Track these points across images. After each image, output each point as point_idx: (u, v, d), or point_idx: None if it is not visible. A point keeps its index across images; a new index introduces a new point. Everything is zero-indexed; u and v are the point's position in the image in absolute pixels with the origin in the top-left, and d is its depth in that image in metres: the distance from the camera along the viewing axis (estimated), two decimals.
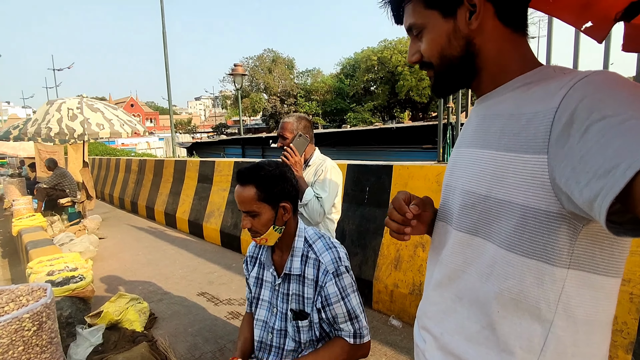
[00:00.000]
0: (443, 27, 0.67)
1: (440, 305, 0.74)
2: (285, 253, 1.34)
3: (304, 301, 1.28)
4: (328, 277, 1.24)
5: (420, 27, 0.70)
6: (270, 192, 1.24)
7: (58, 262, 3.15)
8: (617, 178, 0.42)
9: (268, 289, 1.37)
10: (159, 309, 3.31)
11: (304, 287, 1.28)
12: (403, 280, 2.84)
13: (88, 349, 2.42)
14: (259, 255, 1.42)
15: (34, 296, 1.36)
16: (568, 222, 0.55)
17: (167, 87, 12.53)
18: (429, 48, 0.70)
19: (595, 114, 0.48)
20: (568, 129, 0.52)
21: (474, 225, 0.67)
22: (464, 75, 0.71)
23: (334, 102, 43.02)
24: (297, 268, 1.29)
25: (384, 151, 12.61)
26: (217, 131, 53.32)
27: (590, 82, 0.53)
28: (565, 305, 0.58)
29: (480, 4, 0.64)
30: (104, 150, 16.46)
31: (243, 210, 1.24)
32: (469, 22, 0.65)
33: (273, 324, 1.34)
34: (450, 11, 0.66)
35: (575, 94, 0.53)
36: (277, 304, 1.34)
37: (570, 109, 0.52)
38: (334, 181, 2.02)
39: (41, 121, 5.31)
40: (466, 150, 0.73)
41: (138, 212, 7.93)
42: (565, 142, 0.52)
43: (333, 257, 1.28)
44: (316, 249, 1.31)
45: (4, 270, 5.24)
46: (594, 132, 0.47)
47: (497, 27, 0.66)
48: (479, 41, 0.67)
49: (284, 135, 2.03)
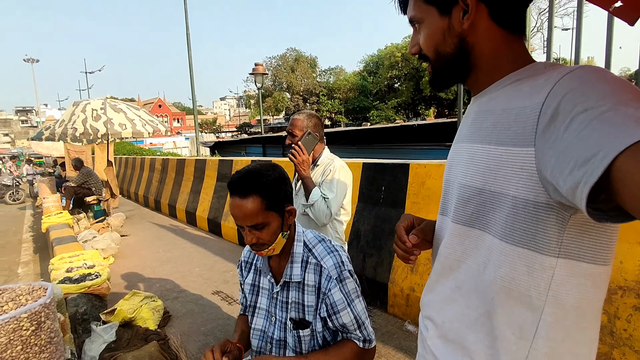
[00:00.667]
0: (439, 23, 0.70)
1: (441, 295, 0.77)
2: (283, 259, 1.26)
3: (305, 309, 1.20)
4: (332, 283, 1.16)
5: (419, 21, 0.73)
6: (276, 198, 1.14)
7: (77, 260, 3.23)
8: (595, 166, 0.44)
9: (265, 297, 1.30)
10: (174, 307, 3.33)
11: (305, 295, 1.21)
12: (420, 284, 2.72)
13: (101, 345, 2.45)
14: (254, 260, 1.34)
15: (34, 296, 1.35)
16: (556, 212, 0.58)
17: (191, 88, 12.77)
18: (425, 42, 0.73)
19: (578, 107, 0.50)
20: (553, 122, 0.54)
21: (470, 217, 0.70)
22: (458, 71, 0.73)
23: (356, 100, 42.73)
24: (297, 275, 1.21)
25: (405, 149, 12.37)
26: (241, 130, 54.10)
27: (575, 77, 0.55)
28: (554, 292, 0.61)
29: (472, 5, 0.66)
30: (131, 149, 16.97)
31: (248, 225, 1.10)
32: (462, 21, 0.68)
33: (272, 333, 1.26)
34: (446, 9, 0.69)
35: (560, 89, 0.55)
36: (275, 313, 1.26)
37: (555, 103, 0.54)
38: (342, 181, 1.95)
39: (67, 122, 5.49)
40: (463, 145, 0.75)
41: (161, 210, 8.10)
42: (551, 135, 0.54)
43: (336, 261, 1.20)
44: (316, 253, 1.23)
45: (34, 264, 5.47)
46: (576, 124, 0.49)
47: (491, 27, 0.68)
48: (472, 40, 0.69)
49: (293, 133, 1.97)
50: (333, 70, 47.81)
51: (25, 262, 5.57)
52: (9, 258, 5.93)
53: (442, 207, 0.81)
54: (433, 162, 2.91)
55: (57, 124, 5.86)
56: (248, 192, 1.10)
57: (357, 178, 3.40)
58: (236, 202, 1.10)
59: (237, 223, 1.13)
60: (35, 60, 38.33)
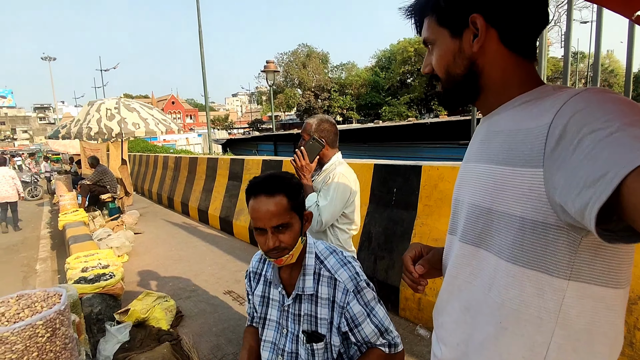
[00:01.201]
0: (450, 45, 0.71)
1: (452, 316, 0.76)
2: (294, 270, 1.24)
3: (317, 322, 1.19)
4: (350, 297, 1.15)
5: (432, 42, 0.75)
6: (298, 200, 1.15)
7: (92, 259, 3.28)
8: (604, 186, 0.44)
9: (276, 309, 1.28)
10: (186, 306, 3.37)
11: (317, 307, 1.19)
12: (432, 288, 2.69)
13: (115, 345, 2.50)
14: (263, 271, 1.32)
15: (49, 302, 1.38)
16: (567, 234, 0.57)
17: (203, 85, 12.87)
18: (437, 63, 0.75)
19: (586, 128, 0.50)
20: (561, 143, 0.54)
21: (477, 237, 0.70)
22: (467, 92, 0.74)
23: (368, 95, 42.48)
24: (310, 287, 1.19)
25: (417, 147, 12.25)
26: (253, 127, 54.34)
27: (582, 99, 0.55)
28: (565, 315, 0.60)
29: (482, 28, 0.67)
30: (145, 146, 17.19)
31: (273, 225, 1.08)
32: (472, 44, 0.69)
33: (283, 346, 1.25)
34: (457, 31, 0.70)
35: (567, 110, 0.55)
36: (287, 325, 1.25)
37: (562, 124, 0.54)
38: (341, 189, 1.83)
39: (83, 121, 5.59)
40: (472, 165, 0.75)
41: (174, 207, 8.20)
42: (559, 156, 0.54)
43: (350, 273, 1.18)
44: (329, 266, 1.21)
45: (52, 261, 5.60)
46: (585, 145, 0.49)
47: (501, 51, 0.69)
48: (481, 62, 0.70)
49: (302, 136, 1.95)
50: (345, 66, 47.59)
51: (43, 258, 5.71)
52: (28, 254, 6.10)
53: (451, 226, 0.82)
54: (446, 165, 2.87)
55: (73, 123, 5.97)
56: (275, 191, 1.10)
57: (368, 179, 3.38)
58: (262, 200, 1.09)
59: (259, 225, 1.09)
60: (52, 59, 39.06)
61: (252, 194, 1.12)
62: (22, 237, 7.40)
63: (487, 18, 0.67)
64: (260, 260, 1.35)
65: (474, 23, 0.67)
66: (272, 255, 1.13)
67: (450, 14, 0.70)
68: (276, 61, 40.67)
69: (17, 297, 1.40)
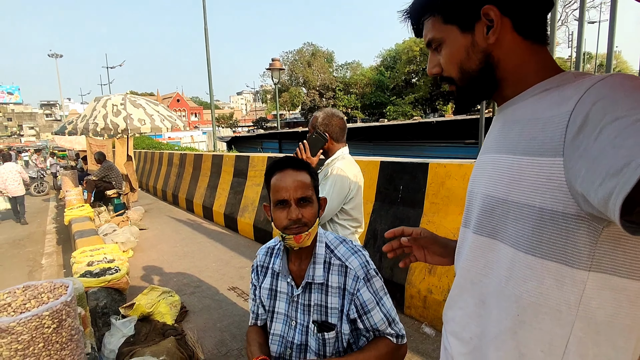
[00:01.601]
0: (461, 41, 0.69)
1: (465, 310, 0.75)
2: (304, 260, 1.23)
3: (328, 311, 1.19)
4: (360, 283, 1.16)
5: (439, 41, 0.72)
6: (317, 183, 1.23)
7: (98, 254, 3.29)
8: (629, 175, 0.43)
9: (283, 301, 1.27)
10: (191, 302, 3.37)
11: (327, 297, 1.18)
12: (437, 286, 2.67)
13: (121, 339, 2.50)
14: (270, 264, 1.31)
15: (55, 294, 1.37)
16: (587, 224, 0.55)
17: (209, 83, 12.89)
18: (448, 61, 0.72)
19: (609, 116, 0.49)
20: (582, 131, 0.52)
21: (493, 228, 0.68)
22: (485, 87, 0.72)
23: (373, 95, 42.38)
24: (320, 276, 1.19)
25: (422, 146, 12.18)
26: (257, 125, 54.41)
27: (604, 85, 0.54)
28: (585, 307, 0.58)
29: (497, 19, 0.65)
30: (150, 143, 17.26)
31: (298, 197, 1.12)
32: (486, 37, 0.67)
33: (292, 338, 1.24)
34: (469, 26, 0.68)
35: (589, 97, 0.54)
36: (296, 317, 1.24)
37: (585, 112, 0.53)
38: (339, 184, 1.78)
39: (89, 117, 5.61)
40: (487, 156, 0.73)
41: (179, 204, 8.23)
42: (580, 144, 0.52)
43: (361, 261, 1.20)
44: (339, 254, 1.22)
45: (57, 256, 5.63)
46: (607, 133, 0.48)
47: (515, 40, 0.67)
48: (497, 54, 0.68)
49: (309, 130, 1.94)
50: (350, 65, 47.49)
51: (49, 253, 5.74)
52: (33, 249, 6.13)
53: (464, 219, 0.80)
54: (453, 162, 2.84)
55: (79, 119, 5.99)
56: (301, 168, 1.17)
57: (374, 177, 3.35)
58: (289, 173, 1.15)
59: (284, 197, 1.12)
60: (59, 56, 39.25)
61: (278, 169, 1.16)
62: (28, 232, 7.45)
63: (501, 8, 0.65)
64: (267, 254, 1.33)
65: (487, 15, 0.65)
66: (292, 231, 1.12)
67: (460, 10, 0.68)
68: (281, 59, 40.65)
69: (23, 288, 1.40)
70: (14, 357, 1.22)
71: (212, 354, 2.56)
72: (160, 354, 2.13)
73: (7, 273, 5.08)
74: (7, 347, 1.21)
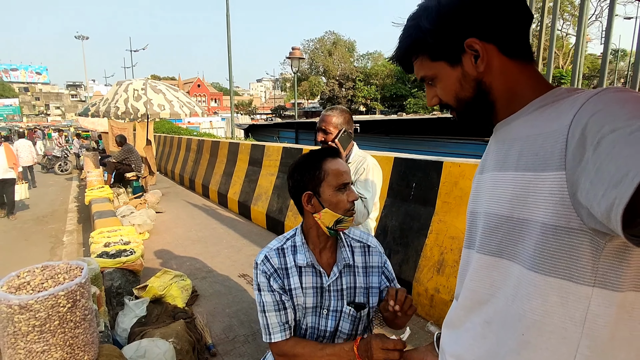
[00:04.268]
0: (452, 74, 0.72)
1: (470, 332, 0.73)
2: (329, 249, 1.29)
3: (356, 291, 1.28)
4: (384, 257, 1.35)
5: (431, 78, 0.75)
6: None
7: (114, 235, 3.40)
8: (627, 185, 0.43)
9: (311, 295, 1.26)
10: (202, 286, 3.46)
11: (356, 277, 1.29)
12: (445, 286, 2.66)
13: (133, 319, 2.59)
14: (288, 263, 1.26)
15: (71, 275, 1.44)
16: (590, 239, 0.55)
17: (229, 69, 12.97)
18: (444, 94, 0.75)
19: (606, 127, 0.50)
20: (582, 144, 0.53)
21: (498, 247, 0.68)
22: (482, 110, 0.74)
23: (394, 86, 41.78)
24: (350, 258, 1.29)
25: (440, 142, 11.99)
26: (275, 113, 54.52)
27: (601, 98, 0.55)
28: (591, 324, 0.57)
29: (481, 49, 0.67)
30: (170, 128, 17.54)
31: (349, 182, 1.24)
32: (475, 66, 0.69)
33: (324, 326, 1.27)
34: (456, 59, 0.70)
35: (586, 110, 0.54)
36: (329, 305, 1.26)
37: (582, 125, 0.53)
38: (377, 180, 1.97)
39: (111, 101, 5.74)
40: (487, 175, 0.74)
41: (195, 189, 8.38)
42: (582, 157, 0.53)
43: (376, 240, 1.38)
44: (357, 237, 1.34)
45: (77, 234, 5.85)
46: (606, 144, 0.49)
47: (503, 62, 0.69)
48: (488, 79, 0.70)
49: (327, 130, 1.95)
50: (371, 55, 46.86)
51: (70, 231, 5.96)
52: (56, 226, 6.38)
53: (467, 240, 0.80)
54: (468, 162, 2.80)
55: (101, 102, 6.14)
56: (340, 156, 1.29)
57: (387, 173, 3.34)
58: (341, 162, 1.26)
59: (347, 180, 1.22)
60: (85, 38, 40.08)
61: (331, 156, 1.25)
62: (52, 209, 7.74)
63: (483, 37, 0.67)
64: (279, 255, 1.27)
65: (470, 47, 0.68)
66: (352, 212, 1.23)
67: (444, 47, 0.71)
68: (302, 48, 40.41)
69: (42, 267, 1.47)
70: (32, 333, 1.29)
71: (220, 339, 2.63)
72: (170, 336, 2.20)
73: (32, 247, 5.32)
74: (25, 323, 1.28)
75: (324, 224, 1.22)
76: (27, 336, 1.28)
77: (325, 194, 1.20)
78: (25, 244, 5.51)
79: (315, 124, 2.08)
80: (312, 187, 1.21)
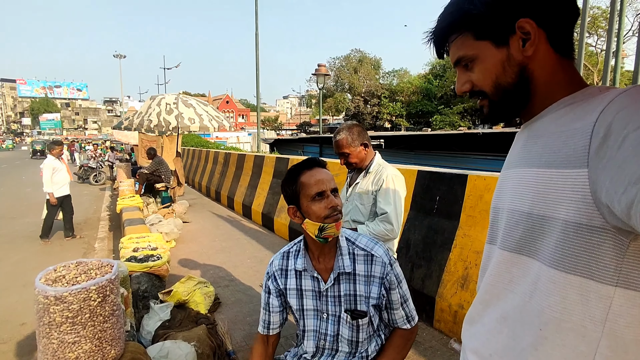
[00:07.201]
0: (496, 56, 0.69)
1: (487, 326, 0.74)
2: (328, 255, 1.31)
3: (357, 299, 1.28)
4: (387, 269, 1.29)
5: (471, 58, 0.72)
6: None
7: (143, 241, 3.53)
8: None
9: (310, 298, 1.33)
10: (224, 294, 3.51)
11: (356, 285, 1.28)
12: (469, 302, 2.59)
13: (157, 322, 2.66)
14: (289, 266, 1.36)
15: (102, 271, 1.51)
16: (613, 237, 0.54)
17: (256, 86, 13.35)
18: (482, 77, 0.71)
19: (631, 125, 0.49)
20: (606, 142, 0.52)
21: (518, 243, 0.67)
22: (519, 101, 0.71)
23: (419, 103, 41.52)
24: (349, 266, 1.28)
25: (466, 158, 11.76)
26: (301, 129, 55.25)
27: (627, 96, 0.54)
28: (612, 324, 0.56)
29: (534, 31, 0.65)
30: (199, 142, 18.13)
31: (331, 188, 1.26)
32: (523, 49, 0.66)
33: (325, 330, 1.31)
34: (503, 40, 0.68)
35: (612, 108, 0.54)
36: (327, 309, 1.31)
37: (607, 122, 0.53)
38: (398, 191, 1.92)
39: (144, 114, 6.02)
40: (511, 171, 0.73)
41: (220, 201, 8.56)
42: (605, 154, 0.52)
43: (384, 250, 1.32)
44: (362, 245, 1.32)
45: (109, 241, 6.06)
46: (630, 142, 0.48)
47: (548, 53, 0.67)
48: (532, 67, 0.68)
49: (344, 153, 1.99)
50: (397, 72, 46.91)
51: (101, 238, 6.19)
52: (89, 233, 6.65)
53: (489, 235, 0.80)
54: (494, 175, 2.75)
55: (135, 116, 6.46)
56: (325, 166, 1.31)
57: (411, 186, 3.32)
58: (318, 170, 1.28)
59: (322, 189, 1.23)
60: (123, 56, 42.32)
61: (307, 168, 1.27)
62: (85, 217, 8.09)
63: (536, 20, 0.65)
64: (283, 258, 1.40)
65: (522, 28, 0.65)
66: (333, 218, 1.23)
67: (494, 25, 0.67)
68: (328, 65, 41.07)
69: (76, 263, 1.55)
70: (65, 324, 1.36)
71: (240, 346, 2.65)
72: (192, 340, 2.24)
73: (65, 252, 5.56)
74: (59, 314, 1.36)
75: (311, 232, 1.25)
76: (60, 327, 1.36)
77: (303, 205, 1.25)
78: (60, 249, 5.77)
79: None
80: (294, 201, 1.28)
